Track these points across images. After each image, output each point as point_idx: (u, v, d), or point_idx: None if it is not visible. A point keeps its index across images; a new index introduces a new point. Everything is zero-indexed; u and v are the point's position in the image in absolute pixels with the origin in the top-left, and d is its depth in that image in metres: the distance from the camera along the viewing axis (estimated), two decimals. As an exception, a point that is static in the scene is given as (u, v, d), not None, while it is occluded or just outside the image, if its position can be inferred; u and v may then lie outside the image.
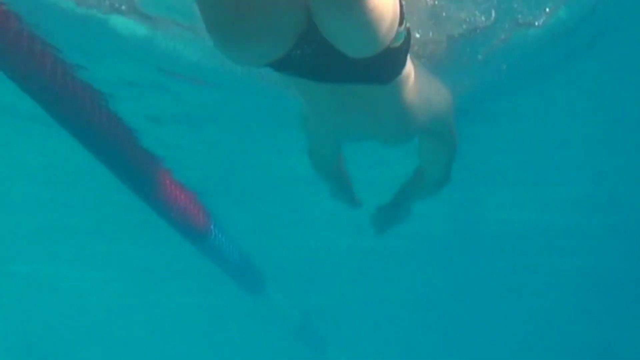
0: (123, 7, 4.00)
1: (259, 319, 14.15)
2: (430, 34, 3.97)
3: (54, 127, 4.66)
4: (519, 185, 8.07)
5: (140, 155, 6.40)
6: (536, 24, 4.07)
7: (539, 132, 6.31)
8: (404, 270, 12.34)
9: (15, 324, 15.67)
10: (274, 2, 1.89)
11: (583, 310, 15.01)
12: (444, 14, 3.88)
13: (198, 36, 4.05)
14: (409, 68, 2.71)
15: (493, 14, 3.92)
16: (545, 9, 3.96)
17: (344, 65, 2.20)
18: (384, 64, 2.34)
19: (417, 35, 3.86)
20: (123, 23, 4.12)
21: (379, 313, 15.20)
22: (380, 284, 13.02)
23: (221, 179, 8.01)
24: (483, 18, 3.96)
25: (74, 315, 14.72)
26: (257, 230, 9.81)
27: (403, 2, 2.20)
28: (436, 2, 3.76)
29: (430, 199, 4.21)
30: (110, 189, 6.57)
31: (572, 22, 4.02)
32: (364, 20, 1.91)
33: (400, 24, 2.13)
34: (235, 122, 6.04)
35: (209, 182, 7.65)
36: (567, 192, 8.29)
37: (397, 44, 2.20)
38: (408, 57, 2.55)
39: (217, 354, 18.21)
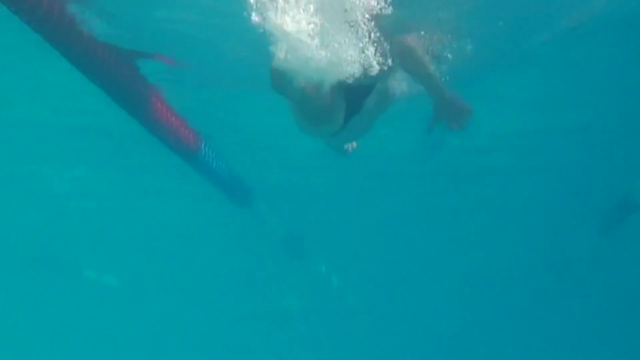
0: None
1: (248, 231, 14.94)
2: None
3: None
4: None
5: (137, 83, 6.93)
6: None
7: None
8: (381, 188, 12.87)
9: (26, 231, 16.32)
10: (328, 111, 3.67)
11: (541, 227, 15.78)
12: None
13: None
14: None
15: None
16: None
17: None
18: None
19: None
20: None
21: (357, 227, 16.03)
22: (358, 200, 13.58)
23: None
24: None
25: (78, 220, 15.31)
26: (246, 149, 10.18)
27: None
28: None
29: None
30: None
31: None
32: None
33: None
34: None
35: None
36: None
37: None
38: None
39: (210, 261, 19.19)
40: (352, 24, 3.60)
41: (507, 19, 5.35)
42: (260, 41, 3.66)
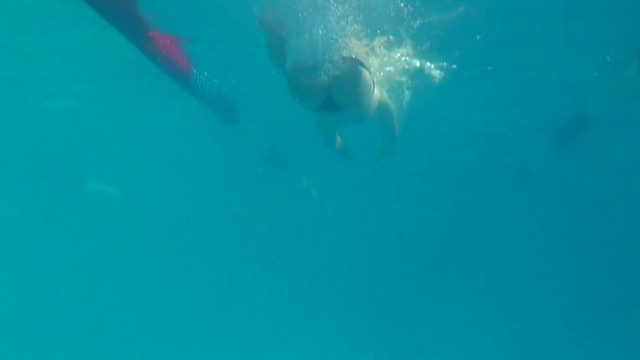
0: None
1: (235, 146, 15.90)
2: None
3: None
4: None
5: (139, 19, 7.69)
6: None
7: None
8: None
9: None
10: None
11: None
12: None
13: None
14: None
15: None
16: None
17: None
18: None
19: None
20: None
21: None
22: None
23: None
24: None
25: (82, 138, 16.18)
26: (234, 69, 10.82)
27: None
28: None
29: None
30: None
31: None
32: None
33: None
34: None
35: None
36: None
37: None
38: None
39: (202, 173, 20.24)
40: None
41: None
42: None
